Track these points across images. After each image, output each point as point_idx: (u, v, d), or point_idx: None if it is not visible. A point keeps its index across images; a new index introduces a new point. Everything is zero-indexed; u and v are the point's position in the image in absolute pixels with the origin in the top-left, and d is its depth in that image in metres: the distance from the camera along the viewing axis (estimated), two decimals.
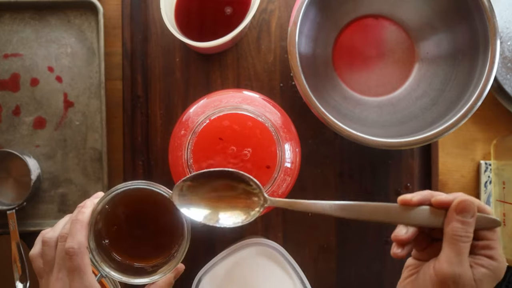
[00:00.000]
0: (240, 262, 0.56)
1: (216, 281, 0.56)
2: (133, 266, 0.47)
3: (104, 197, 0.44)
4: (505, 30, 0.66)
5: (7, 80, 0.64)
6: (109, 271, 0.44)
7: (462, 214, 0.38)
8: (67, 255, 0.40)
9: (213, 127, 0.49)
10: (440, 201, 0.38)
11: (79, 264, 0.40)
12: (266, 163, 0.49)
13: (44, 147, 0.64)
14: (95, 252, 0.44)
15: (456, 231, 0.37)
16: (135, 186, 0.45)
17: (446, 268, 0.36)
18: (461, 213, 0.38)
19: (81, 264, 0.40)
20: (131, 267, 0.46)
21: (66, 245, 0.40)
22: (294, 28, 0.55)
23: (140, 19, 0.65)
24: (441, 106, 0.60)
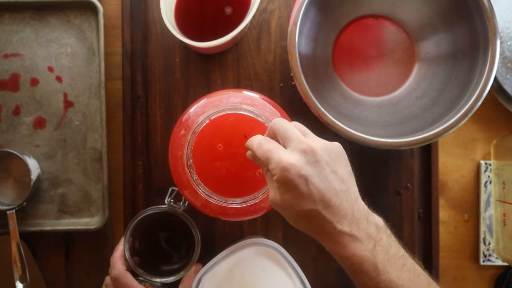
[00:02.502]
0: (240, 262, 0.56)
1: (216, 281, 0.56)
2: (162, 269, 0.60)
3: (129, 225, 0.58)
4: (505, 30, 0.66)
5: (7, 80, 0.64)
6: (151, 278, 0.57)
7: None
8: (114, 281, 0.54)
9: (213, 127, 0.49)
10: None
11: (125, 282, 0.54)
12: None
13: (44, 147, 0.64)
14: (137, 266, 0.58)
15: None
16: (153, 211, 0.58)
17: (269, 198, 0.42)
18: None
19: (126, 281, 0.54)
20: (161, 270, 0.59)
21: (111, 274, 0.55)
22: (294, 28, 0.55)
23: (140, 19, 0.65)
24: (441, 106, 0.60)
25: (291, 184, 0.39)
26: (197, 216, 0.58)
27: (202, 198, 0.49)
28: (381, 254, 0.39)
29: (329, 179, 0.40)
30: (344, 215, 0.39)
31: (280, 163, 0.39)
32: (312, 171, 0.39)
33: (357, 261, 0.39)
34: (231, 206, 0.49)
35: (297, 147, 0.40)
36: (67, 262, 0.65)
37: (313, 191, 0.39)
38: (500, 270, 0.68)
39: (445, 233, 0.68)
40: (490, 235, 0.67)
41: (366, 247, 0.39)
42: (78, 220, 0.64)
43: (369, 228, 0.40)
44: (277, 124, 0.43)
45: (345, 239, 0.39)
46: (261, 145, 0.42)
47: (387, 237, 0.41)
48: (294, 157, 0.39)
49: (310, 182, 0.39)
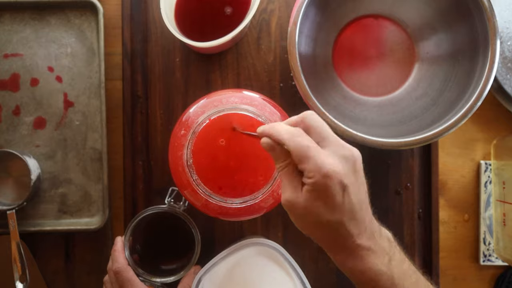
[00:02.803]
0: (240, 262, 0.56)
1: (216, 281, 0.56)
2: (162, 269, 0.60)
3: (129, 225, 0.58)
4: (505, 30, 0.66)
5: (7, 80, 0.64)
6: (151, 278, 0.57)
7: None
8: (116, 274, 0.53)
9: (213, 127, 0.49)
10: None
11: (127, 277, 0.53)
12: (266, 162, 0.49)
13: (44, 147, 0.64)
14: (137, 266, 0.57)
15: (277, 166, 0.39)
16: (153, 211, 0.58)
17: (283, 197, 0.38)
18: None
19: (128, 276, 0.53)
20: (160, 270, 0.59)
21: (113, 268, 0.54)
22: (294, 28, 0.55)
23: (140, 19, 0.65)
24: (441, 106, 0.60)
25: (328, 192, 0.36)
26: (197, 216, 0.58)
27: (202, 198, 0.49)
28: (396, 269, 0.38)
29: (360, 191, 0.38)
30: (364, 228, 0.38)
31: (323, 167, 0.35)
32: (351, 181, 0.36)
33: (373, 276, 0.37)
34: (231, 206, 0.49)
35: (338, 151, 0.37)
36: (67, 262, 0.65)
37: (346, 202, 0.36)
38: (500, 270, 0.68)
39: (445, 233, 0.68)
40: (490, 235, 0.67)
41: (382, 261, 0.38)
42: (78, 220, 0.64)
43: (383, 242, 0.39)
44: (313, 118, 0.38)
45: (363, 252, 0.37)
46: (295, 136, 0.37)
47: (399, 252, 0.40)
48: (337, 164, 0.36)
49: (347, 192, 0.36)
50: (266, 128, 0.39)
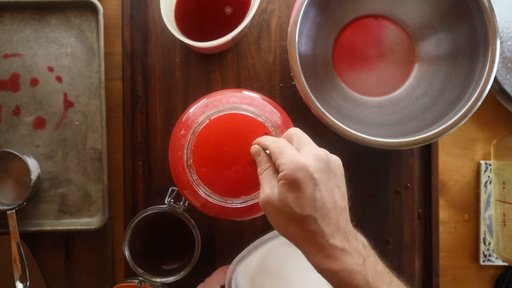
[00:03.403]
0: (272, 252, 0.57)
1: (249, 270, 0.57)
2: (162, 269, 0.60)
3: (129, 225, 0.58)
4: (505, 30, 0.66)
5: (7, 80, 0.64)
6: (151, 277, 0.57)
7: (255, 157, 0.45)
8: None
9: (213, 127, 0.49)
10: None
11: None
12: None
13: (44, 147, 0.64)
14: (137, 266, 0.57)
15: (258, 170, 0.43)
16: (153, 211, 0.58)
17: (260, 197, 0.41)
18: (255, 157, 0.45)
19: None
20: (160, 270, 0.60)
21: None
22: (294, 28, 0.55)
23: (140, 19, 0.65)
24: (441, 106, 0.60)
25: (299, 184, 0.38)
26: (197, 216, 0.58)
27: (202, 198, 0.49)
28: (371, 269, 0.39)
29: (334, 192, 0.40)
30: (338, 229, 0.39)
31: (294, 161, 0.39)
32: (323, 178, 0.39)
33: (347, 275, 0.39)
34: (231, 206, 0.49)
35: (312, 152, 0.40)
36: (67, 262, 0.65)
37: (317, 197, 0.39)
38: (500, 270, 0.68)
39: (445, 233, 0.68)
40: (490, 235, 0.67)
41: (357, 262, 0.39)
42: (78, 220, 0.64)
43: (358, 246, 0.40)
44: (294, 131, 0.44)
45: (336, 252, 0.39)
46: (277, 142, 0.42)
47: (373, 255, 0.41)
48: (309, 159, 0.39)
49: (318, 187, 0.39)
50: (259, 139, 0.45)
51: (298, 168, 0.38)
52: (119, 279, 0.66)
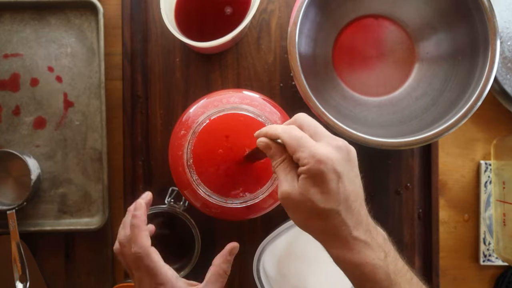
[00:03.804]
0: (299, 236, 0.59)
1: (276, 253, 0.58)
2: None
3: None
4: (505, 30, 0.66)
5: (7, 80, 0.64)
6: None
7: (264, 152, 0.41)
8: (137, 259, 0.45)
9: (213, 127, 0.49)
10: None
11: (149, 264, 0.44)
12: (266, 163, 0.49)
13: (44, 147, 0.64)
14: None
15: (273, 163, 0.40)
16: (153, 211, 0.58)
17: (279, 191, 0.39)
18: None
19: (151, 263, 0.44)
20: None
21: (132, 250, 0.45)
22: (294, 28, 0.55)
23: (140, 19, 0.65)
24: (441, 106, 0.60)
25: (323, 178, 0.36)
26: (197, 216, 0.58)
27: (202, 198, 0.49)
28: (392, 265, 0.38)
29: (355, 182, 0.38)
30: (360, 221, 0.38)
31: (316, 153, 0.36)
32: (345, 169, 0.37)
33: (369, 270, 0.37)
34: (231, 206, 0.49)
35: (332, 143, 0.38)
36: (67, 262, 0.65)
37: (341, 190, 0.37)
38: (500, 270, 0.68)
39: (445, 233, 0.68)
40: (490, 235, 0.67)
41: (379, 256, 0.38)
42: (78, 220, 0.64)
43: (379, 238, 0.39)
44: (304, 118, 0.40)
45: (359, 245, 0.38)
46: (290, 131, 0.39)
47: (393, 250, 0.40)
48: (331, 151, 0.37)
49: (342, 180, 0.37)
50: (263, 129, 0.41)
51: (321, 161, 0.36)
52: (119, 279, 0.66)
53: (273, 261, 0.60)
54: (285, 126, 0.39)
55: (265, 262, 0.60)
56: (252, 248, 0.60)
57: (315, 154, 0.36)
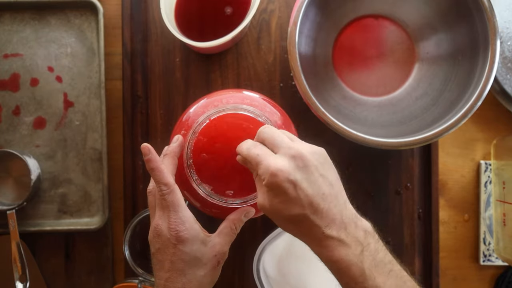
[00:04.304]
0: None
1: (276, 253, 0.58)
2: None
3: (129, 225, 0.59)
4: (505, 30, 0.66)
5: (7, 80, 0.64)
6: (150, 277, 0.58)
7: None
8: (161, 197, 0.45)
9: (213, 127, 0.49)
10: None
11: (172, 201, 0.45)
12: None
13: (44, 147, 0.64)
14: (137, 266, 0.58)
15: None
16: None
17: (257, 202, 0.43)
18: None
19: (173, 200, 0.45)
20: None
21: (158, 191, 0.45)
22: (294, 28, 0.56)
23: (140, 19, 0.65)
24: (441, 106, 0.60)
25: (280, 189, 0.39)
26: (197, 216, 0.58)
27: (202, 198, 0.49)
28: (369, 260, 0.39)
29: (318, 184, 0.40)
30: (332, 219, 0.40)
31: (269, 168, 0.40)
32: (301, 176, 0.39)
33: (344, 266, 0.39)
34: (231, 206, 0.49)
35: (286, 153, 0.40)
36: (67, 262, 0.65)
37: (301, 196, 0.39)
38: (500, 270, 0.68)
39: (445, 233, 0.68)
40: (490, 235, 0.67)
41: (354, 252, 0.39)
42: (78, 220, 0.64)
43: (357, 233, 0.40)
44: (265, 131, 0.44)
45: (333, 243, 0.39)
46: (250, 149, 0.43)
47: (375, 242, 0.41)
48: (283, 162, 0.40)
49: (299, 187, 0.39)
50: (238, 146, 0.45)
51: (274, 174, 0.39)
52: (119, 279, 0.66)
53: (273, 261, 0.60)
54: (248, 144, 0.44)
55: (265, 262, 0.60)
56: (252, 248, 0.60)
57: (268, 168, 0.40)
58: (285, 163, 0.40)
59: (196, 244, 0.45)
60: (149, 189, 0.48)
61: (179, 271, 0.44)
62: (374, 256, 0.40)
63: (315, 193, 0.40)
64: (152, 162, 0.45)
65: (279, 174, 0.39)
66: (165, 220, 0.45)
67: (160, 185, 0.45)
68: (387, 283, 0.39)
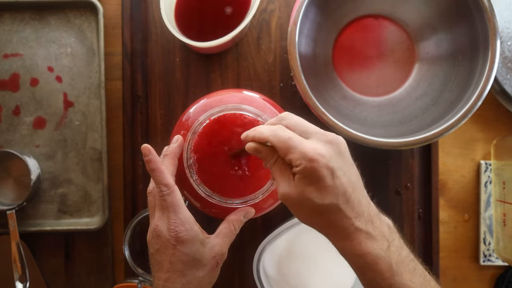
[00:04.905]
0: (299, 236, 0.59)
1: (276, 253, 0.58)
2: None
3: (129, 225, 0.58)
4: (505, 30, 0.66)
5: (7, 80, 0.64)
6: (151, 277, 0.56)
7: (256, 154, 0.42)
8: (161, 197, 0.45)
9: (213, 127, 0.49)
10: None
11: (172, 202, 0.44)
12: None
13: (44, 147, 0.64)
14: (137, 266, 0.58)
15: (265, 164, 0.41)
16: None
17: (278, 192, 0.40)
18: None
19: (173, 201, 0.44)
20: None
21: (157, 190, 0.45)
22: (294, 28, 0.55)
23: (140, 19, 0.65)
24: (441, 106, 0.60)
25: (318, 176, 0.37)
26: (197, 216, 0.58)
27: (202, 198, 0.49)
28: (395, 255, 0.38)
29: (351, 173, 0.39)
30: (361, 212, 0.38)
31: (307, 152, 0.37)
32: (338, 163, 0.38)
33: (371, 260, 0.38)
34: (231, 206, 0.49)
35: (322, 138, 0.38)
36: (67, 262, 0.65)
37: (337, 184, 0.37)
38: (500, 270, 0.68)
39: (445, 233, 0.68)
40: (490, 235, 0.67)
41: (381, 246, 0.38)
42: (78, 220, 0.64)
43: (383, 227, 0.39)
44: (291, 117, 0.40)
45: (361, 236, 0.38)
46: (277, 133, 0.39)
47: (398, 239, 0.40)
48: (321, 148, 0.37)
49: (336, 175, 0.37)
50: (249, 132, 0.41)
51: (313, 159, 0.36)
52: (119, 279, 0.66)
53: (273, 261, 0.60)
54: (272, 128, 0.39)
55: (265, 262, 0.60)
56: (252, 248, 0.60)
57: (305, 153, 0.37)
58: (323, 148, 0.37)
59: (195, 245, 0.45)
60: (149, 190, 0.48)
61: (178, 272, 0.44)
62: (400, 252, 0.39)
63: (348, 183, 0.38)
64: (152, 162, 0.45)
65: (319, 160, 0.36)
66: (164, 221, 0.44)
67: (160, 186, 0.44)
68: (413, 280, 0.38)
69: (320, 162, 0.36)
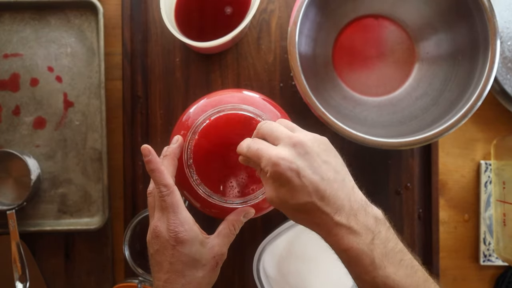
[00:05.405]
0: (298, 236, 0.59)
1: (276, 253, 0.59)
2: None
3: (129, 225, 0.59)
4: (505, 30, 0.66)
5: (7, 80, 0.64)
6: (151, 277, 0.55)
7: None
8: (160, 198, 0.45)
9: (213, 127, 0.49)
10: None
11: (171, 202, 0.45)
12: None
13: (44, 147, 0.64)
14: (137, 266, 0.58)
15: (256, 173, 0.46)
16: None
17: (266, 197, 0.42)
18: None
19: (173, 201, 0.45)
20: None
21: (157, 192, 0.45)
22: (294, 28, 0.56)
23: (140, 19, 0.65)
24: (441, 106, 0.60)
25: (284, 178, 0.39)
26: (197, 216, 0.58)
27: (202, 198, 0.49)
28: (379, 248, 0.39)
29: (322, 170, 0.40)
30: (341, 205, 0.39)
31: (270, 158, 0.39)
32: (303, 163, 0.39)
33: (354, 255, 0.38)
34: (231, 206, 0.49)
35: (287, 142, 0.40)
36: (67, 262, 0.65)
37: (306, 183, 0.39)
38: (500, 270, 0.68)
39: (445, 233, 0.68)
40: (490, 235, 0.67)
41: (364, 241, 0.38)
42: (78, 220, 0.64)
43: (368, 220, 0.39)
44: (263, 127, 0.43)
45: (343, 231, 0.39)
46: (250, 146, 0.42)
47: (385, 230, 0.40)
48: (283, 151, 0.40)
49: (302, 174, 0.39)
50: (238, 147, 0.45)
51: (275, 164, 0.39)
52: (119, 279, 0.66)
53: (273, 261, 0.60)
54: (248, 142, 0.43)
55: (265, 262, 0.60)
56: (252, 248, 0.60)
57: (270, 159, 0.39)
58: (285, 152, 0.39)
59: (195, 245, 0.45)
60: (149, 190, 0.48)
61: (178, 273, 0.44)
62: (385, 245, 0.39)
63: (319, 179, 0.39)
64: (152, 163, 0.45)
65: (281, 163, 0.39)
66: (164, 221, 0.45)
67: (160, 186, 0.45)
68: (397, 273, 0.38)
69: (282, 165, 0.39)
